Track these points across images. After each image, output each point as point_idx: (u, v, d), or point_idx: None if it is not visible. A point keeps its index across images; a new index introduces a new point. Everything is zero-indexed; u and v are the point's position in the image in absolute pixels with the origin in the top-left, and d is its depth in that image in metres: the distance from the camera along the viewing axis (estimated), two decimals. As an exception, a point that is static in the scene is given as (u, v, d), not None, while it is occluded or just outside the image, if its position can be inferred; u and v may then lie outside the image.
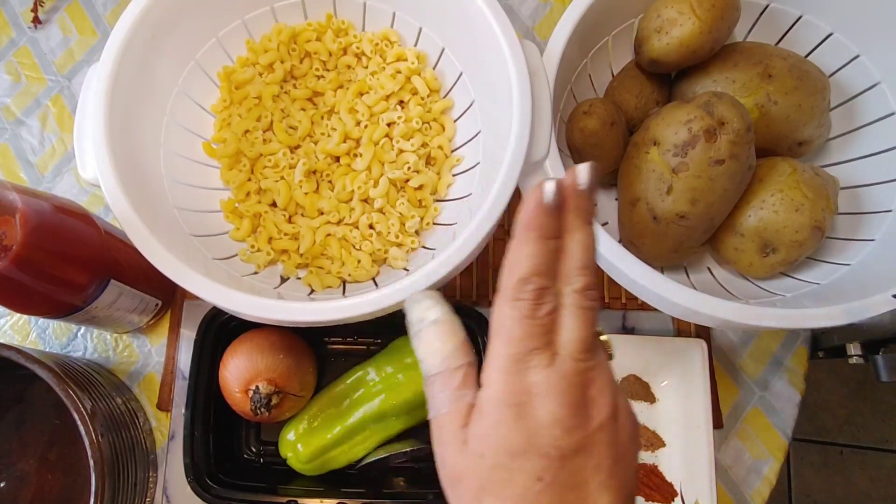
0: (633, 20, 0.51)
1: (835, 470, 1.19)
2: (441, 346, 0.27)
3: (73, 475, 0.48)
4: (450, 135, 0.50)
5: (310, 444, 0.47)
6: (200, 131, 0.49)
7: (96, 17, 0.63)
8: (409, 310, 0.29)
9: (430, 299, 0.28)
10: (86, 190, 0.58)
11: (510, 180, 0.39)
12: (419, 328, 0.28)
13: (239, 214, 0.48)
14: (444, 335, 0.27)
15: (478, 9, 0.42)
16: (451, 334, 0.27)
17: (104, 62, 0.41)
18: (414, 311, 0.28)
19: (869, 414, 1.21)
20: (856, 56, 0.49)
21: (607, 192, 0.52)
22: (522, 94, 0.40)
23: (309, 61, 0.51)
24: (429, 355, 0.27)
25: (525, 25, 0.62)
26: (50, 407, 0.48)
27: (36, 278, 0.39)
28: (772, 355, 0.54)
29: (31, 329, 0.55)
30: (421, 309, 0.28)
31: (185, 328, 0.54)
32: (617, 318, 0.54)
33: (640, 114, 0.49)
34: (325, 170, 0.49)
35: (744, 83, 0.46)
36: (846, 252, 0.47)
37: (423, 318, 0.28)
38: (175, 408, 0.52)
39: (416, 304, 0.28)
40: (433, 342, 0.27)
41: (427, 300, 0.28)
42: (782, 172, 0.44)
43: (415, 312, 0.28)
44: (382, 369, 0.48)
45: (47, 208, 0.39)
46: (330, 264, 0.47)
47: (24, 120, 0.60)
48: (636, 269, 0.41)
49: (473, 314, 0.49)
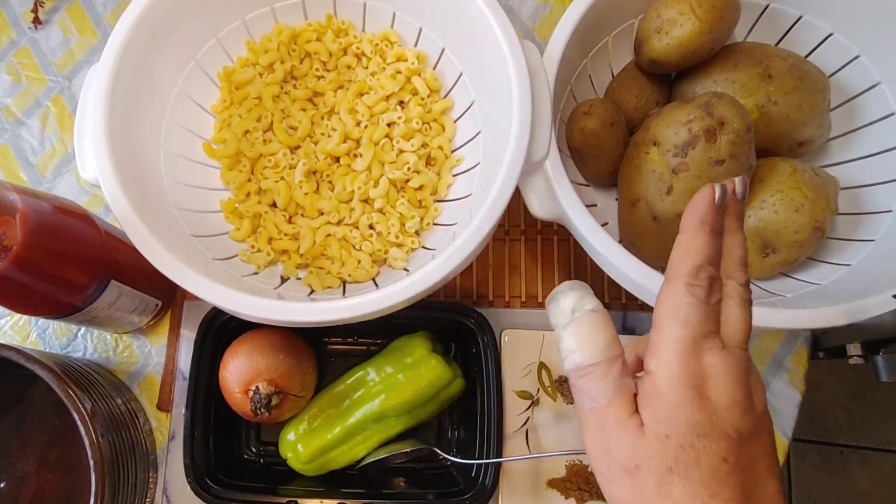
0: (633, 20, 0.51)
1: (835, 470, 1.19)
2: (600, 336, 0.27)
3: (73, 475, 0.48)
4: (450, 135, 0.50)
5: (310, 444, 0.47)
6: (200, 131, 0.49)
7: (96, 17, 0.63)
8: (560, 300, 0.28)
9: (585, 289, 0.28)
10: (86, 190, 0.58)
11: (510, 180, 0.39)
12: (574, 318, 0.27)
13: (239, 215, 0.48)
14: (603, 324, 0.27)
15: (478, 9, 0.42)
16: (609, 323, 0.27)
17: (104, 62, 0.41)
18: (566, 300, 0.28)
19: (869, 414, 1.21)
20: (856, 56, 0.49)
21: (607, 191, 0.52)
22: (522, 94, 0.40)
23: (309, 62, 0.51)
24: (587, 345, 0.27)
25: (525, 26, 0.62)
26: (50, 407, 0.48)
27: (36, 279, 0.39)
28: (772, 355, 0.54)
29: (31, 329, 0.55)
30: (575, 298, 0.28)
31: (186, 328, 0.54)
32: (617, 318, 0.54)
33: (641, 114, 0.49)
34: (325, 170, 0.49)
35: (744, 83, 0.46)
36: (846, 252, 0.47)
37: (578, 307, 0.27)
38: (175, 408, 0.52)
39: (569, 293, 0.28)
40: (591, 332, 0.27)
41: (582, 290, 0.28)
42: (782, 173, 0.44)
43: (567, 302, 0.28)
44: (382, 369, 0.48)
45: (47, 209, 0.39)
46: (330, 264, 0.47)
47: (25, 120, 0.60)
48: (636, 269, 0.41)
49: (473, 314, 0.49)
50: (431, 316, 0.50)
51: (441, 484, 0.48)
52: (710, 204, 0.27)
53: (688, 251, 0.26)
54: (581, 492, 0.49)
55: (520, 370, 0.52)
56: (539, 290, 0.55)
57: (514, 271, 0.56)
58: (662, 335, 0.26)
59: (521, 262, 0.56)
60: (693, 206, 0.27)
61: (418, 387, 0.47)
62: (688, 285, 0.26)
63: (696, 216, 0.27)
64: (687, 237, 0.27)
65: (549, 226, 0.56)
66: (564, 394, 0.52)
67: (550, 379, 0.52)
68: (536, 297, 0.55)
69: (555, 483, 0.50)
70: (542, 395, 0.52)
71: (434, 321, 0.50)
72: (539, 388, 0.52)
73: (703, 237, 0.26)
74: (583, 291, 0.28)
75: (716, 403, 0.25)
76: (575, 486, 0.50)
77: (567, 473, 0.50)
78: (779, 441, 0.52)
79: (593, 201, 0.51)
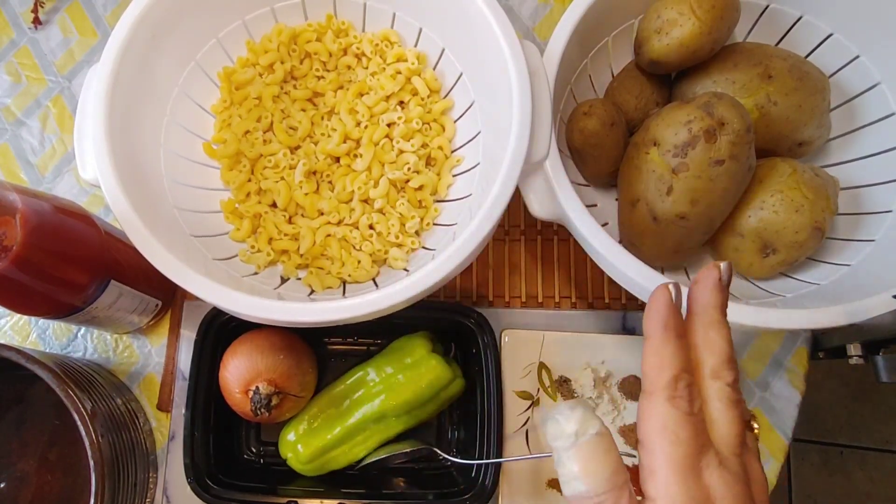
0: (633, 21, 0.51)
1: (835, 470, 1.19)
2: (606, 462, 0.25)
3: (73, 475, 0.48)
4: (450, 135, 0.50)
5: (310, 444, 0.47)
6: (200, 132, 0.49)
7: (96, 17, 0.63)
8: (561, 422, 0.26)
9: (587, 410, 0.26)
10: (86, 190, 0.58)
11: (510, 181, 0.39)
12: (577, 441, 0.25)
13: (239, 215, 0.48)
14: (608, 448, 0.25)
15: (478, 9, 0.42)
16: (613, 446, 0.25)
17: (104, 63, 0.41)
18: (568, 424, 0.25)
19: (869, 414, 1.21)
20: (856, 57, 0.49)
21: (607, 192, 0.52)
22: (522, 94, 0.40)
23: (309, 62, 0.51)
24: (593, 472, 0.24)
25: (525, 26, 0.62)
26: (50, 407, 0.48)
27: (36, 279, 0.39)
28: (772, 356, 0.54)
29: (31, 329, 0.55)
30: (577, 420, 0.25)
31: (186, 329, 0.54)
32: (617, 318, 0.54)
33: (640, 114, 0.49)
34: (325, 170, 0.49)
35: (744, 84, 0.46)
36: (846, 252, 0.47)
37: (581, 431, 0.25)
38: (175, 408, 0.52)
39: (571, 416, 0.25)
40: (596, 457, 0.25)
41: (585, 411, 0.26)
42: (782, 173, 0.44)
43: (569, 426, 0.25)
44: (382, 370, 0.48)
45: (47, 209, 0.39)
46: (330, 265, 0.47)
47: (25, 120, 0.60)
48: (636, 269, 0.41)
49: (473, 314, 0.49)
50: (431, 316, 0.50)
51: (441, 484, 0.48)
52: (669, 305, 0.26)
53: (661, 361, 0.25)
54: (581, 492, 0.49)
55: (520, 370, 0.52)
56: (539, 290, 0.55)
57: (514, 271, 0.56)
58: (654, 456, 0.24)
59: (521, 262, 0.56)
60: (651, 311, 0.26)
61: (418, 387, 0.47)
62: (669, 399, 0.25)
63: (658, 321, 0.25)
64: (654, 345, 0.25)
65: (549, 226, 0.56)
66: (565, 394, 0.52)
67: (550, 379, 0.52)
68: (536, 297, 0.55)
69: (555, 483, 0.50)
70: (542, 395, 0.52)
71: (434, 321, 0.50)
72: (539, 389, 0.52)
73: (671, 344, 0.25)
74: (587, 413, 0.26)
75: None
76: (575, 486, 0.49)
77: (567, 474, 0.50)
78: (779, 441, 0.52)
79: (593, 201, 0.51)
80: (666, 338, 0.25)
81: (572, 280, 0.55)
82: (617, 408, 0.52)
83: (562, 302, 0.55)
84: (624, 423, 0.51)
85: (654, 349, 0.25)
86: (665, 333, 0.25)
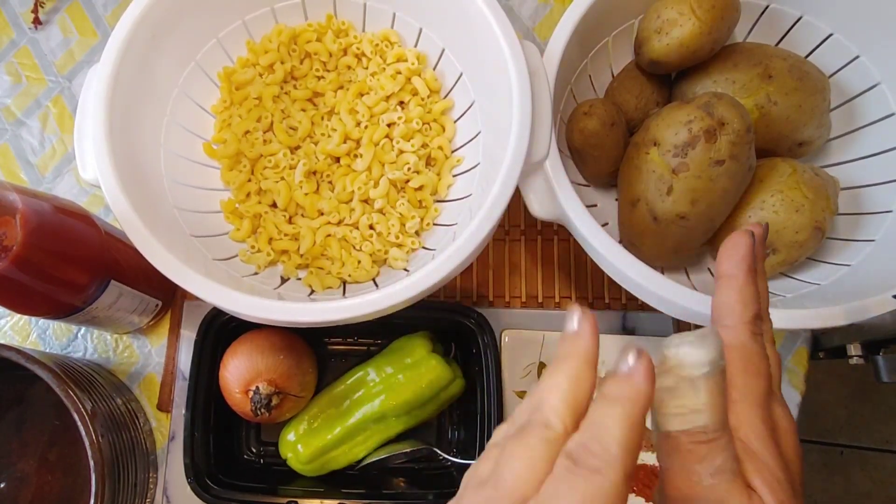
0: (633, 21, 0.51)
1: (835, 470, 1.19)
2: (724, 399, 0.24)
3: (73, 476, 0.48)
4: (450, 135, 0.50)
5: (310, 444, 0.47)
6: (201, 132, 0.49)
7: (96, 17, 0.63)
8: (699, 346, 0.23)
9: (719, 339, 0.24)
10: (86, 190, 0.58)
11: (510, 181, 0.39)
12: (710, 371, 0.23)
13: (239, 215, 0.48)
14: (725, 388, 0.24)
15: (478, 9, 0.42)
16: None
17: (104, 63, 0.41)
18: (706, 349, 0.23)
19: (869, 415, 1.21)
20: (856, 57, 0.49)
21: (607, 192, 0.52)
22: (522, 94, 0.40)
23: (309, 62, 0.51)
24: (719, 407, 0.23)
25: (525, 26, 0.62)
26: (50, 407, 0.48)
27: (36, 279, 0.39)
28: (772, 356, 0.54)
29: (31, 330, 0.55)
30: (716, 349, 0.23)
31: (186, 329, 0.54)
32: (617, 318, 0.54)
33: (641, 114, 0.49)
34: (325, 170, 0.49)
35: (744, 84, 0.46)
36: (846, 253, 0.47)
37: (717, 360, 0.23)
38: (175, 408, 0.52)
39: (713, 340, 0.23)
40: (722, 391, 0.23)
41: (717, 340, 0.24)
42: (782, 173, 0.44)
43: (707, 353, 0.23)
44: (382, 370, 0.48)
45: (47, 209, 0.39)
46: (330, 265, 0.47)
47: (25, 120, 0.60)
48: (636, 269, 0.41)
49: (473, 314, 0.49)
50: (431, 316, 0.50)
51: (441, 484, 0.48)
52: (752, 249, 0.27)
53: (745, 298, 0.27)
54: (581, 492, 0.49)
55: (520, 370, 0.52)
56: (539, 290, 0.55)
57: (514, 271, 0.56)
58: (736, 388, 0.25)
59: (521, 262, 0.56)
60: (734, 252, 0.27)
61: (418, 387, 0.47)
62: (754, 334, 0.26)
63: (744, 262, 0.27)
64: (738, 283, 0.27)
65: (550, 226, 0.56)
66: (564, 394, 0.52)
67: (550, 379, 0.52)
68: (536, 297, 0.55)
69: (555, 483, 0.50)
70: (542, 395, 0.51)
71: (434, 321, 0.50)
72: (539, 389, 0.52)
73: (754, 284, 0.27)
74: (720, 344, 0.24)
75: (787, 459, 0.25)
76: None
77: (567, 474, 0.50)
78: (779, 441, 0.52)
79: (593, 202, 0.51)
80: (750, 278, 0.27)
81: (572, 280, 0.55)
82: (617, 408, 0.52)
83: (562, 302, 0.55)
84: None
85: (738, 287, 0.27)
86: (749, 275, 0.27)
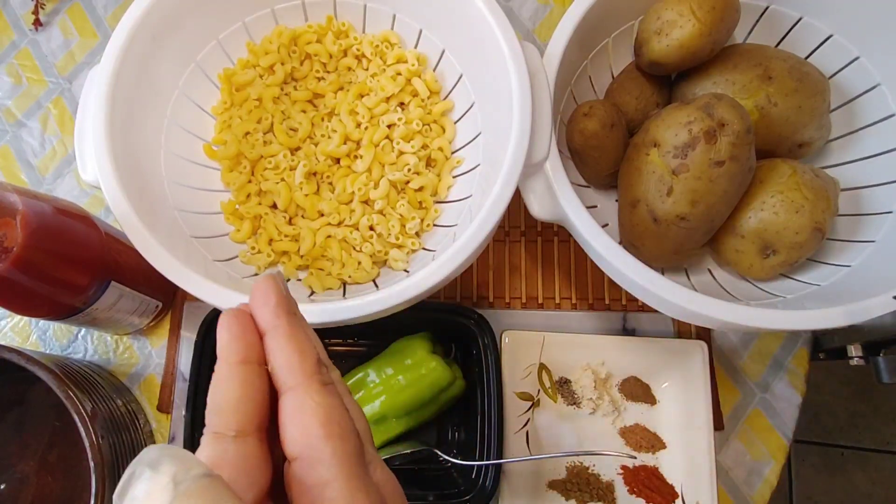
0: (633, 22, 0.51)
1: (836, 471, 1.19)
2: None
3: (73, 477, 0.48)
4: (450, 136, 0.50)
5: (310, 445, 0.47)
6: (201, 133, 0.49)
7: (97, 19, 0.63)
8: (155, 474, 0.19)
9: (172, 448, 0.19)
10: (86, 192, 0.58)
11: (510, 182, 0.39)
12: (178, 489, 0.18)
13: (239, 216, 0.48)
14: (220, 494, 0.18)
15: (478, 11, 0.42)
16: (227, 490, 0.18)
17: (105, 64, 0.41)
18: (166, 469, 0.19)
19: (870, 415, 1.21)
20: (856, 58, 0.49)
21: (607, 193, 0.52)
22: (523, 95, 0.40)
23: (309, 63, 0.51)
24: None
25: (525, 27, 0.62)
26: (50, 409, 0.48)
27: (37, 280, 0.39)
28: (772, 357, 0.54)
29: (31, 331, 0.55)
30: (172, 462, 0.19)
31: (186, 330, 0.54)
32: (617, 319, 0.54)
33: (641, 115, 0.49)
34: (325, 171, 0.49)
35: (744, 85, 0.46)
36: (847, 253, 0.47)
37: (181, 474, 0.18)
38: (175, 410, 0.52)
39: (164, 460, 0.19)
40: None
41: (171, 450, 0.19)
42: (782, 174, 0.44)
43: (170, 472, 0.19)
44: (383, 371, 0.48)
45: (48, 210, 0.39)
46: (330, 266, 0.47)
47: (25, 122, 0.60)
48: (636, 270, 0.41)
49: (474, 315, 0.49)
50: (432, 317, 0.50)
51: (441, 485, 0.48)
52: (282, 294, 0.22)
53: (299, 345, 0.21)
54: (581, 493, 0.49)
55: (520, 371, 0.52)
56: (539, 291, 0.55)
57: (514, 272, 0.56)
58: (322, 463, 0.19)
59: (521, 263, 0.56)
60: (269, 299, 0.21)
61: (418, 388, 0.47)
62: (324, 385, 0.20)
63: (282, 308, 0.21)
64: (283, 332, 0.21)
65: (550, 227, 0.56)
66: (565, 395, 0.52)
67: (551, 380, 0.52)
68: (537, 298, 0.55)
69: (555, 484, 0.50)
70: (542, 396, 0.52)
71: (434, 322, 0.50)
72: (539, 390, 0.52)
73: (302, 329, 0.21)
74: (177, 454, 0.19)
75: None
76: (575, 487, 0.49)
77: (567, 475, 0.50)
78: (779, 442, 0.52)
79: (593, 203, 0.51)
80: (294, 321, 0.21)
81: (572, 281, 0.55)
82: (617, 409, 0.52)
83: (562, 303, 0.55)
84: (624, 425, 0.51)
85: (286, 335, 0.21)
86: (291, 318, 0.21)
